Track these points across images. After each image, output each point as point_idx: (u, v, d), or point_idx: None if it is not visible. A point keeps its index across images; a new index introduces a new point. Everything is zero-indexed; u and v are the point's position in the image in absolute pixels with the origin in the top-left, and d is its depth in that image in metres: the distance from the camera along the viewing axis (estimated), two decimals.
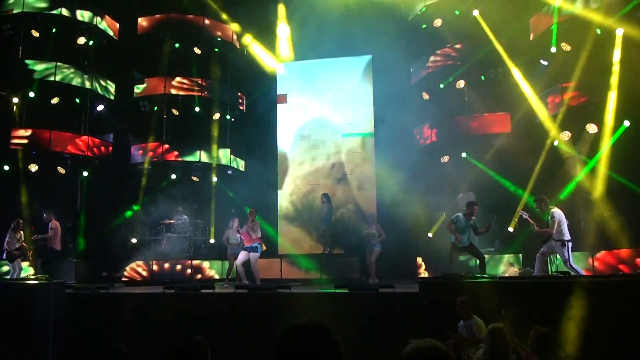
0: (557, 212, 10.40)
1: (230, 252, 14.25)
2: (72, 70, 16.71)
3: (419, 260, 14.72)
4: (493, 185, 14.78)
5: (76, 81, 16.76)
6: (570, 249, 10.15)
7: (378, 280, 13.51)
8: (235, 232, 14.13)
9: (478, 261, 11.20)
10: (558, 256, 10.57)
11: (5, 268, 14.00)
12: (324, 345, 2.31)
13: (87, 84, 17.00)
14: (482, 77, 15.50)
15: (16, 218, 13.64)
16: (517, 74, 14.56)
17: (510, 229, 14.00)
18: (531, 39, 14.54)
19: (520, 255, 13.34)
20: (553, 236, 10.13)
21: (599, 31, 12.76)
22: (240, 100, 19.24)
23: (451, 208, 14.41)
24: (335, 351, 2.27)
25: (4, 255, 13.38)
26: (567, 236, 10.19)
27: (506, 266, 13.35)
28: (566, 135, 13.37)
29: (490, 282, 8.47)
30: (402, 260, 15.05)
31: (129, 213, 17.27)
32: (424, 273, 14.38)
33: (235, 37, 18.79)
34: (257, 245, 13.31)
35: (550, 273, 10.16)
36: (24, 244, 13.54)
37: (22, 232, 13.51)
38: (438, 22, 16.25)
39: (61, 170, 16.55)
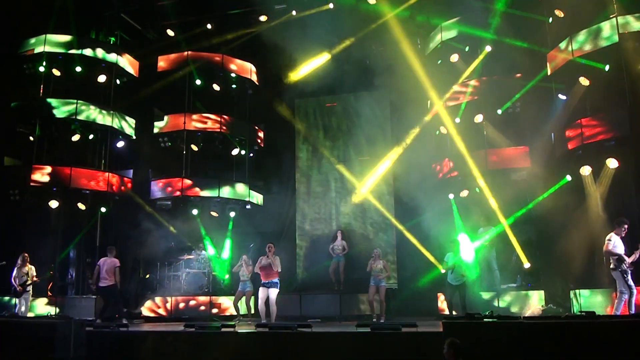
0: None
1: (240, 289, 14.24)
2: (92, 107, 16.91)
3: (440, 296, 14.57)
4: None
5: (97, 118, 16.96)
6: None
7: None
8: (246, 269, 14.09)
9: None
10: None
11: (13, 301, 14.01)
12: None
13: (108, 121, 17.20)
14: (499, 111, 15.44)
15: (22, 253, 13.64)
16: (534, 108, 14.58)
17: (527, 265, 13.90)
18: (549, 73, 14.54)
19: (543, 291, 13.15)
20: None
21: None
22: (258, 135, 19.37)
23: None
24: None
25: (12, 290, 13.41)
26: None
27: (529, 303, 13.17)
28: (587, 170, 13.26)
29: (516, 324, 8.34)
30: (422, 296, 14.92)
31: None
32: (445, 309, 14.19)
33: (253, 73, 18.98)
34: (277, 280, 13.14)
35: (576, 312, 10.02)
36: (34, 279, 13.55)
37: (29, 267, 13.49)
38: (454, 58, 16.32)
39: (81, 206, 16.65)
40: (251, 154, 19.29)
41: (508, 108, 15.30)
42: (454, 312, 12.64)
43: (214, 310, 16.03)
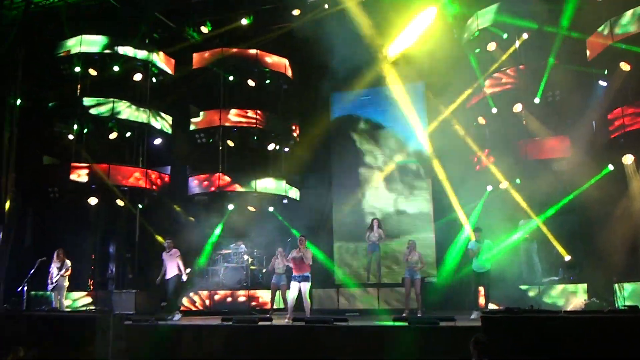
0: None
1: (274, 282, 14.17)
2: (129, 105, 17.15)
3: (481, 290, 14.31)
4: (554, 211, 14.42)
5: (134, 116, 17.20)
6: None
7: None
8: (281, 261, 14.00)
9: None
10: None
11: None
12: None
13: (144, 119, 17.41)
14: (536, 100, 15.06)
15: (58, 249, 13.77)
16: (574, 96, 14.23)
17: (567, 258, 13.57)
18: (589, 59, 14.15)
19: (586, 285, 12.81)
20: None
21: None
22: (294, 130, 19.35)
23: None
24: None
25: (49, 286, 13.64)
26: None
27: (570, 296, 12.85)
28: (629, 159, 12.86)
29: (557, 318, 8.11)
30: (461, 290, 14.67)
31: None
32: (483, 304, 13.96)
33: (288, 67, 18.96)
34: (309, 274, 12.93)
35: (619, 306, 9.72)
36: (63, 274, 13.53)
37: (65, 262, 13.56)
38: (492, 46, 16.01)
39: (120, 202, 16.88)
40: (286, 149, 19.27)
41: (547, 97, 14.96)
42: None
43: (253, 304, 16.07)
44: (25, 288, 12.84)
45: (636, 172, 12.79)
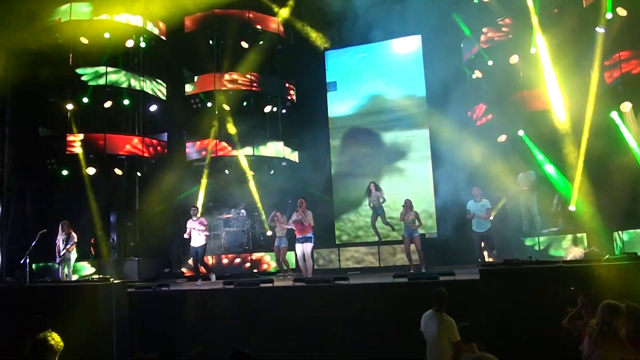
0: None
1: (276, 244, 14.31)
2: (122, 73, 17.00)
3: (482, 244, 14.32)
4: (554, 162, 14.34)
5: (127, 83, 17.05)
6: None
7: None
8: (278, 225, 14.08)
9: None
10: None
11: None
12: None
13: (138, 86, 17.24)
14: (532, 50, 14.84)
15: (63, 220, 13.85)
16: (570, 44, 14.00)
17: (572, 207, 13.52)
18: (584, 5, 13.89)
19: (585, 234, 12.80)
20: None
21: None
22: (290, 91, 19.17)
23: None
24: None
25: (57, 259, 13.73)
26: None
27: (570, 246, 12.85)
28: (627, 106, 12.70)
29: (555, 267, 8.12)
30: (463, 245, 14.67)
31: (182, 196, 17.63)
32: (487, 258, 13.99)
33: (281, 28, 18.70)
34: (311, 235, 13.00)
35: (617, 254, 9.71)
36: (69, 249, 13.61)
37: (70, 234, 13.63)
38: None
39: (118, 171, 16.85)
40: (284, 110, 19.12)
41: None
42: (487, 259, 12.56)
43: (254, 269, 16.15)
44: (27, 260, 12.92)
45: (634, 120, 12.65)
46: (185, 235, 14.14)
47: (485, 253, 13.06)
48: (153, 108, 17.92)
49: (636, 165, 12.38)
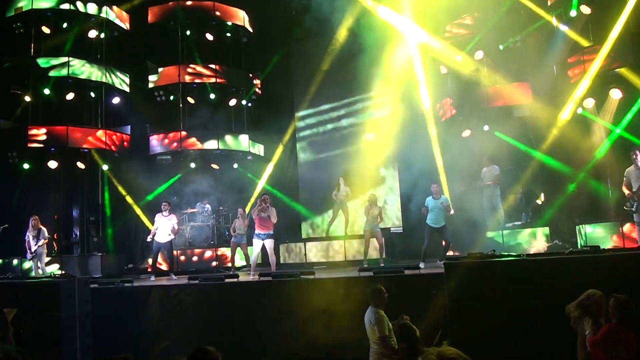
0: None
1: (234, 241, 14.16)
2: (84, 64, 16.61)
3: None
4: (518, 157, 14.52)
5: (90, 75, 16.66)
6: None
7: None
8: (242, 222, 13.98)
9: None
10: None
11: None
12: None
13: (101, 77, 16.89)
14: (500, 47, 14.99)
15: (33, 216, 13.50)
16: (535, 42, 14.17)
17: (539, 202, 13.72)
18: (549, 3, 14.06)
19: (548, 228, 13.00)
20: None
21: None
22: (255, 84, 19.01)
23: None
24: None
25: (27, 255, 13.40)
26: None
27: (534, 240, 13.04)
28: (590, 102, 12.91)
29: (518, 260, 8.20)
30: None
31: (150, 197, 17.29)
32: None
33: (246, 20, 18.53)
34: (272, 232, 12.86)
35: (580, 247, 9.87)
36: (40, 244, 13.26)
37: (41, 230, 13.31)
38: None
39: (81, 165, 16.50)
40: (249, 104, 18.95)
41: (509, 43, 14.86)
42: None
43: (217, 263, 16.02)
44: None
45: (597, 116, 12.86)
46: (153, 230, 13.76)
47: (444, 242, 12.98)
48: (116, 100, 17.56)
49: (598, 160, 12.60)
